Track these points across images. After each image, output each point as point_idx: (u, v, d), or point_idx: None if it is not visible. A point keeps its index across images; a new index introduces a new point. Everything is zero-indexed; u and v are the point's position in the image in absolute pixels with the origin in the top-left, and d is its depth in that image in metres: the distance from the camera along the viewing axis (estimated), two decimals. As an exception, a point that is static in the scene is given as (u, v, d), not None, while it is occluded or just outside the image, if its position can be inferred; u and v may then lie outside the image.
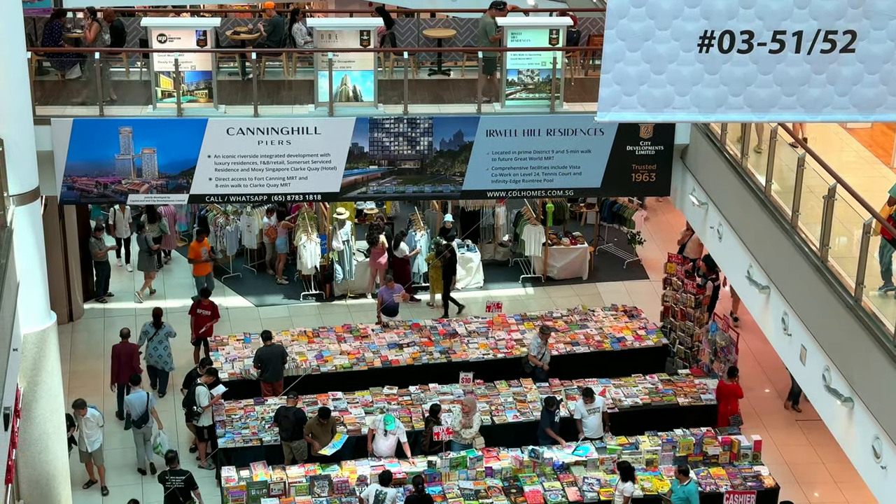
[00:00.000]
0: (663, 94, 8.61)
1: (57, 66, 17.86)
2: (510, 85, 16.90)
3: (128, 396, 17.09)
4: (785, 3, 8.18)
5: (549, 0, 23.93)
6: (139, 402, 16.79)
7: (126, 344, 18.07)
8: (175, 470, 15.52)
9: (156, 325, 18.58)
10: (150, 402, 16.91)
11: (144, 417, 16.80)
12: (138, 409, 16.78)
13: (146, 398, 16.86)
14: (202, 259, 20.96)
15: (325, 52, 16.61)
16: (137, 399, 16.84)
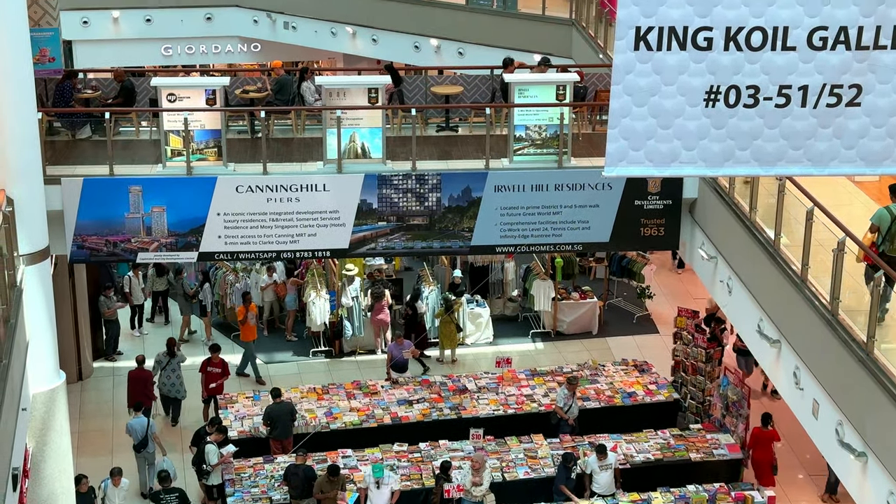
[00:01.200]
0: (670, 148, 8.62)
1: (67, 126, 18.00)
2: (518, 140, 16.97)
3: (129, 421, 17.92)
4: (790, 57, 8.21)
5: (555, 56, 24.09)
6: (140, 427, 17.61)
7: (141, 370, 19.01)
8: (168, 489, 16.08)
9: (169, 354, 19.39)
10: (151, 428, 17.69)
11: (144, 442, 17.56)
12: (139, 434, 17.60)
13: (146, 424, 17.62)
14: (249, 322, 20.83)
15: (334, 110, 16.71)
16: (138, 424, 17.65)
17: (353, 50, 27.86)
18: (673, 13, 8.17)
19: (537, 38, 24.58)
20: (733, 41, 8.21)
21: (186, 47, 28.69)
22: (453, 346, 21.89)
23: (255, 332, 20.99)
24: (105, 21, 27.66)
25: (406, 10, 26.44)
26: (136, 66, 27.21)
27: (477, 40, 25.28)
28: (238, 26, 28.77)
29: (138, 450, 17.73)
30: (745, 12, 8.11)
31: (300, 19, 27.79)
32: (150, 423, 17.81)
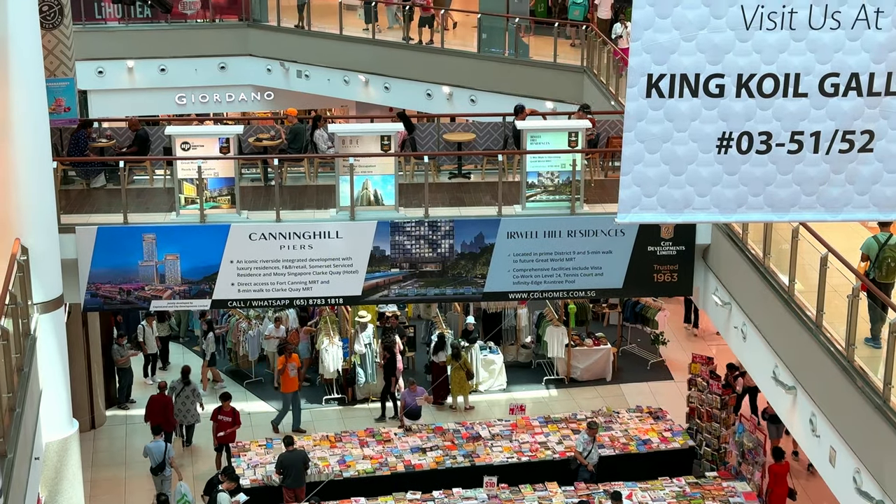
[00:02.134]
0: (683, 194, 8.62)
1: (82, 175, 18.11)
2: (531, 187, 17.00)
3: (147, 445, 18.41)
4: (802, 104, 8.23)
5: (567, 103, 24.20)
6: (157, 451, 18.21)
7: (162, 396, 19.68)
8: None
9: (184, 382, 20.06)
10: (169, 453, 18.26)
11: (161, 465, 18.16)
12: (157, 457, 18.18)
13: (164, 448, 18.23)
14: (289, 373, 20.76)
15: (347, 157, 16.79)
16: (156, 448, 18.25)
17: (365, 98, 28.01)
18: (685, 60, 8.20)
19: (549, 85, 24.70)
20: (745, 88, 8.24)
21: (200, 96, 28.89)
22: (465, 392, 21.79)
23: (296, 382, 20.84)
24: (120, 71, 27.89)
25: (418, 58, 26.61)
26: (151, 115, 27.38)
27: (489, 87, 25.41)
28: (251, 75, 28.98)
29: (155, 472, 18.26)
30: (757, 59, 8.14)
31: (313, 68, 27.98)
32: (168, 447, 18.34)
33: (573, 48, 25.34)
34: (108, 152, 18.77)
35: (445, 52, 26.38)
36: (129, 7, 26.95)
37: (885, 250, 12.72)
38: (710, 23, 8.11)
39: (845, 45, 8.07)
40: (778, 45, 8.10)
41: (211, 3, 28.77)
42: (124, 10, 27.59)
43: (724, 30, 8.11)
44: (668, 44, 8.18)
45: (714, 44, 8.14)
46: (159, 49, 27.96)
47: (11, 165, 14.01)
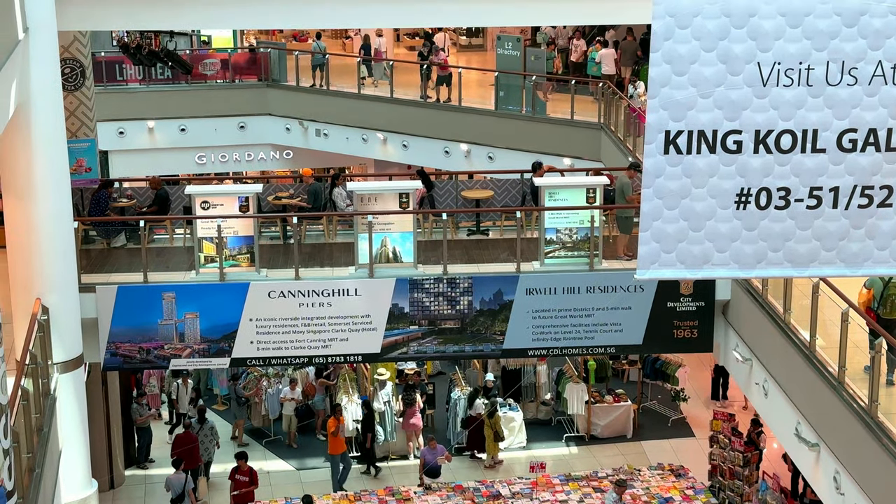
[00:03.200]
0: (702, 250, 8.59)
1: (103, 234, 18.22)
2: (549, 244, 17.01)
3: (169, 477, 19.06)
4: (820, 160, 8.22)
5: (585, 159, 24.29)
6: (178, 484, 18.88)
7: (188, 434, 20.22)
8: None
9: (200, 421, 20.52)
10: (188, 485, 18.91)
11: (181, 497, 18.80)
12: (177, 489, 18.86)
13: (184, 480, 18.86)
14: (340, 435, 20.70)
15: (365, 215, 16.85)
16: (177, 480, 18.92)
17: (383, 155, 28.19)
18: (702, 117, 8.22)
19: (566, 142, 24.82)
20: (763, 144, 8.23)
21: (220, 155, 29.12)
22: (492, 452, 21.60)
23: (343, 444, 20.76)
24: (140, 131, 28.17)
25: (436, 115, 26.80)
26: (171, 175, 27.60)
27: (506, 145, 25.54)
28: (270, 134, 29.22)
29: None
30: (774, 116, 8.15)
31: (331, 126, 28.20)
32: (188, 479, 18.99)
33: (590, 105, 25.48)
34: (128, 212, 18.90)
35: (463, 110, 26.56)
36: (149, 68, 27.26)
37: (890, 287, 12.92)
38: (726, 80, 8.13)
39: (863, 100, 8.08)
40: (795, 102, 8.10)
41: (231, 64, 29.11)
42: (145, 72, 27.93)
43: (741, 86, 8.13)
44: (686, 101, 8.20)
45: (731, 100, 8.16)
46: (179, 109, 28.26)
47: (33, 226, 14.12)
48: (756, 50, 8.04)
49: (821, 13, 7.91)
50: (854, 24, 7.93)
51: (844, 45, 7.97)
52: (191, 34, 31.25)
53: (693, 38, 8.06)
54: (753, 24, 7.99)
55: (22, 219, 14.14)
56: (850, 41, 7.97)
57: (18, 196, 14.08)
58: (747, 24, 7.99)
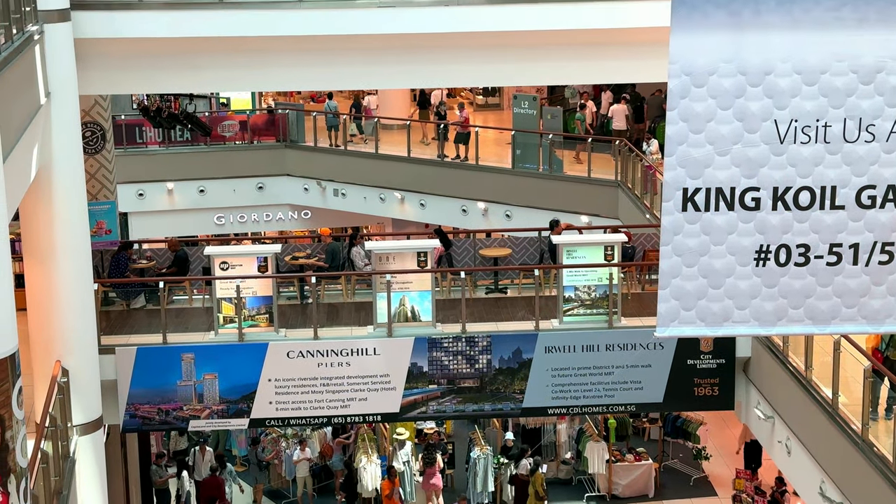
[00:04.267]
0: (722, 308, 8.56)
1: (122, 296, 18.28)
2: (567, 301, 16.98)
3: None
4: (839, 216, 8.20)
5: (602, 217, 24.31)
6: None
7: (214, 478, 20.78)
8: None
9: (220, 465, 20.96)
10: None
11: None
12: None
13: None
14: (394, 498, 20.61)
15: (384, 275, 16.87)
16: None
17: (401, 214, 28.28)
18: (720, 174, 8.23)
19: (584, 200, 24.86)
20: (781, 201, 8.23)
21: (239, 216, 29.27)
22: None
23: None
24: (160, 193, 28.36)
25: (453, 174, 26.92)
26: (190, 236, 27.74)
27: (524, 203, 25.60)
28: (289, 194, 29.38)
29: None
30: (792, 173, 8.15)
31: (349, 186, 28.35)
32: None
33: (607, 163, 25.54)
34: (148, 273, 18.97)
35: (480, 169, 26.67)
36: (169, 131, 27.53)
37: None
38: (743, 137, 8.15)
39: (881, 157, 8.07)
40: (813, 159, 8.11)
41: (249, 126, 29.35)
42: (165, 134, 28.19)
43: (758, 144, 8.14)
44: (703, 158, 8.22)
45: (749, 158, 8.17)
46: (199, 171, 28.46)
47: (53, 288, 14.19)
48: (772, 108, 8.06)
49: (837, 71, 7.95)
50: (870, 82, 7.95)
51: (861, 102, 7.99)
52: (210, 96, 31.57)
53: (709, 96, 8.09)
54: (769, 83, 8.03)
55: (42, 281, 14.21)
56: (867, 98, 7.99)
57: (39, 259, 14.17)
58: (763, 82, 8.03)
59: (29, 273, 14.38)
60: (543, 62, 16.51)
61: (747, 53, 7.97)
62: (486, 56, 16.28)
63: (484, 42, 16.00)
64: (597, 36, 15.79)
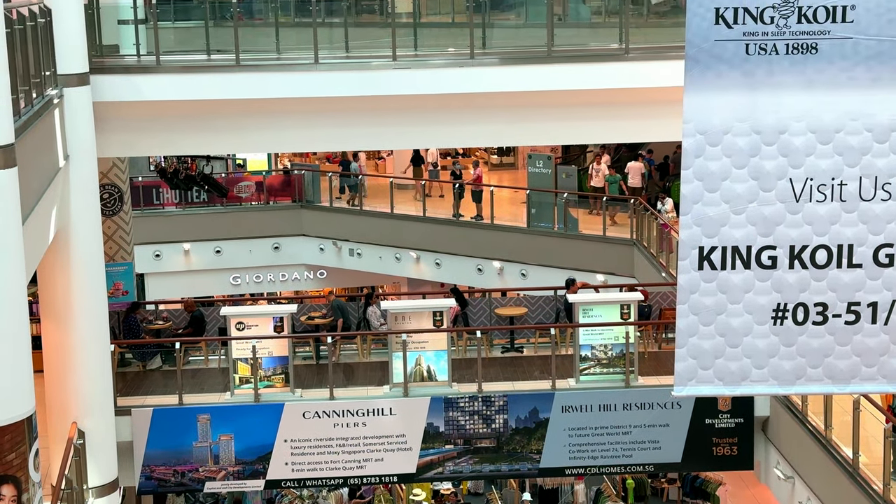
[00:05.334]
0: (740, 367, 8.53)
1: (138, 357, 18.29)
2: (584, 360, 16.91)
3: None
4: (857, 275, 8.19)
5: (618, 275, 24.26)
6: None
7: None
8: None
9: None
10: None
11: None
12: None
13: None
14: None
15: (399, 334, 16.85)
16: None
17: (417, 274, 28.30)
18: (735, 233, 8.24)
19: (599, 259, 24.84)
20: (798, 260, 8.23)
21: (255, 276, 29.33)
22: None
23: None
24: (176, 253, 28.47)
25: (468, 233, 26.96)
26: (206, 296, 27.78)
27: (539, 261, 25.58)
28: (305, 254, 29.45)
29: None
30: (809, 231, 8.16)
31: (365, 246, 28.41)
32: None
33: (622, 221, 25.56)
34: (164, 334, 18.99)
35: (495, 228, 26.70)
36: (186, 192, 27.69)
37: None
38: (759, 196, 8.17)
39: (897, 216, 8.09)
40: (829, 217, 8.12)
41: (265, 186, 29.51)
42: (181, 196, 28.35)
43: (773, 202, 8.16)
44: (718, 217, 8.24)
45: (764, 216, 8.19)
46: (215, 231, 28.58)
47: (70, 350, 14.21)
48: (787, 166, 8.10)
49: (851, 130, 7.98)
50: (885, 140, 7.98)
51: (876, 160, 8.01)
52: (226, 158, 31.79)
53: (724, 155, 8.14)
54: (784, 141, 8.06)
55: (59, 343, 14.24)
56: (882, 157, 8.01)
57: (56, 320, 14.20)
58: (777, 140, 8.06)
59: (46, 334, 14.41)
60: (558, 122, 16.59)
61: (761, 113, 8.02)
62: (501, 116, 16.38)
63: (498, 102, 16.11)
64: (611, 96, 15.88)
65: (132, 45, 16.42)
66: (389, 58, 15.87)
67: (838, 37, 7.84)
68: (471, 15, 16.43)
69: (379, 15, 19.58)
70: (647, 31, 17.36)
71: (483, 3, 16.75)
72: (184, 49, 17.24)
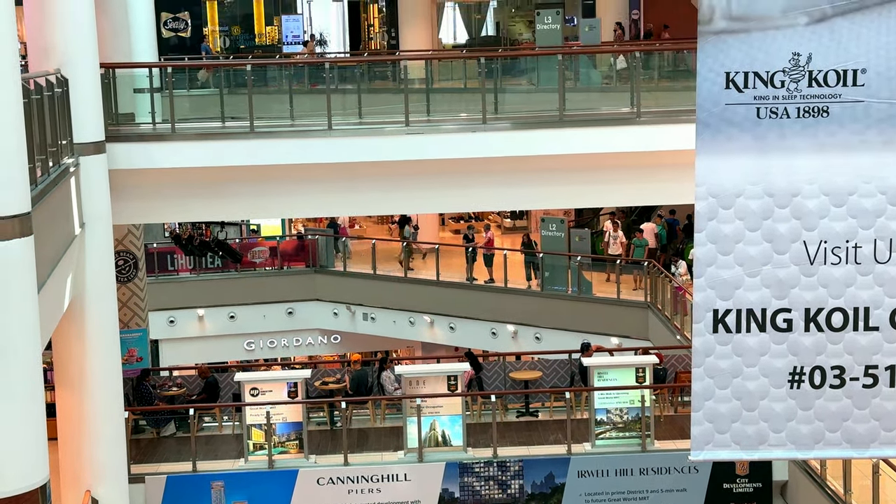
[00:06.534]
0: (757, 431, 8.46)
1: (152, 423, 18.25)
2: (600, 424, 16.80)
3: None
4: (874, 337, 8.14)
5: (632, 338, 24.17)
6: None
7: None
8: None
9: None
10: None
11: None
12: None
13: None
14: None
15: (414, 399, 16.79)
16: None
17: (431, 338, 28.22)
18: (750, 296, 8.21)
19: (614, 322, 24.75)
20: (813, 322, 8.19)
21: (269, 341, 29.30)
22: None
23: None
24: (191, 319, 28.48)
25: (482, 297, 26.92)
26: (220, 362, 27.76)
27: (553, 325, 25.49)
28: (318, 319, 29.44)
29: None
30: (824, 294, 8.12)
31: (379, 310, 28.39)
32: None
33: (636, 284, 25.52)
34: (178, 400, 18.95)
35: (509, 291, 26.67)
36: (200, 258, 27.78)
37: None
38: (773, 258, 8.16)
39: (914, 278, 8.06)
40: (844, 280, 8.09)
41: (279, 252, 29.60)
42: (196, 262, 28.44)
43: (787, 265, 8.14)
44: (732, 280, 8.22)
45: (779, 279, 8.16)
46: (229, 297, 28.61)
47: (84, 418, 14.19)
48: (801, 229, 8.09)
49: (865, 192, 7.98)
50: (899, 202, 7.97)
51: (891, 223, 8.00)
52: (240, 223, 31.93)
53: (737, 217, 8.14)
54: (797, 204, 8.06)
55: (74, 411, 14.22)
56: (896, 219, 8.01)
57: (71, 388, 14.20)
58: (790, 203, 8.06)
59: (60, 402, 14.40)
60: (570, 185, 16.66)
61: (774, 176, 8.03)
62: (513, 180, 16.45)
63: (510, 166, 16.19)
64: (623, 159, 15.95)
65: (147, 113, 16.61)
66: (402, 123, 16.01)
67: (850, 100, 7.87)
68: (483, 80, 16.57)
69: (392, 81, 19.76)
70: (658, 94, 17.48)
71: (495, 69, 16.90)
72: (199, 116, 17.42)
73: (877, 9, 7.76)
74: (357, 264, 29.23)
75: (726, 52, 7.86)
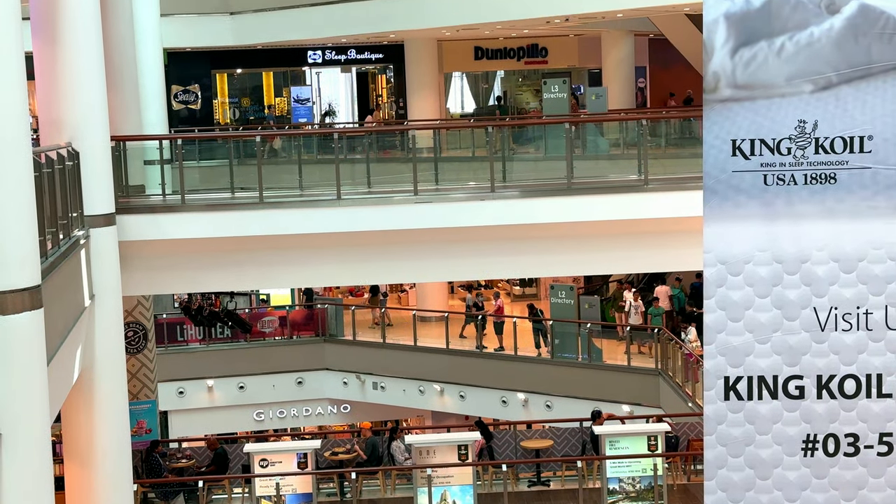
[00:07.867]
0: (771, 499, 8.37)
1: (161, 496, 18.11)
2: (612, 493, 16.63)
3: None
4: (888, 405, 8.08)
5: (643, 406, 24.02)
6: None
7: None
8: None
9: None
10: None
11: None
12: None
13: None
14: None
15: (424, 468, 16.64)
16: None
17: (441, 407, 28.08)
18: (761, 363, 8.18)
19: (624, 389, 24.62)
20: (826, 389, 8.14)
21: (278, 411, 29.17)
22: None
23: None
24: (200, 390, 28.40)
25: (492, 365, 26.82)
26: (229, 433, 27.61)
27: (564, 393, 25.36)
28: (328, 389, 29.33)
29: None
30: (836, 360, 8.09)
31: (388, 379, 28.29)
32: None
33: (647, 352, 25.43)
34: (187, 472, 18.83)
35: (519, 359, 26.57)
36: (209, 329, 27.76)
37: None
38: (783, 325, 8.13)
39: (926, 344, 8.02)
40: (856, 346, 8.06)
41: (289, 321, 29.58)
42: (205, 332, 28.42)
43: (798, 332, 8.11)
44: (743, 347, 8.19)
45: (790, 346, 8.13)
46: (238, 367, 28.54)
47: (93, 491, 14.07)
48: (811, 295, 8.07)
49: (874, 258, 7.97)
50: (909, 268, 7.96)
51: (901, 289, 7.99)
52: (250, 293, 31.95)
53: (746, 284, 8.13)
54: (806, 270, 8.06)
55: (82, 484, 14.11)
56: (907, 285, 7.99)
57: (80, 461, 14.11)
58: (800, 270, 8.06)
59: (69, 475, 14.30)
60: (579, 253, 16.68)
61: (782, 242, 8.04)
62: (522, 248, 16.47)
63: (519, 234, 16.22)
64: (631, 226, 15.97)
65: (157, 184, 16.71)
66: (411, 192, 16.08)
67: (857, 167, 7.89)
68: (491, 149, 16.66)
69: (400, 150, 19.89)
70: (666, 161, 17.56)
71: (503, 138, 17.00)
72: (208, 188, 17.52)
73: (882, 76, 7.81)
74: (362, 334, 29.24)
75: (732, 119, 7.90)
